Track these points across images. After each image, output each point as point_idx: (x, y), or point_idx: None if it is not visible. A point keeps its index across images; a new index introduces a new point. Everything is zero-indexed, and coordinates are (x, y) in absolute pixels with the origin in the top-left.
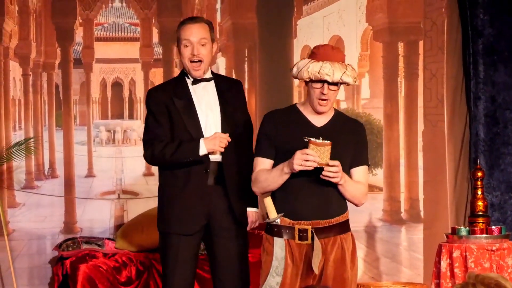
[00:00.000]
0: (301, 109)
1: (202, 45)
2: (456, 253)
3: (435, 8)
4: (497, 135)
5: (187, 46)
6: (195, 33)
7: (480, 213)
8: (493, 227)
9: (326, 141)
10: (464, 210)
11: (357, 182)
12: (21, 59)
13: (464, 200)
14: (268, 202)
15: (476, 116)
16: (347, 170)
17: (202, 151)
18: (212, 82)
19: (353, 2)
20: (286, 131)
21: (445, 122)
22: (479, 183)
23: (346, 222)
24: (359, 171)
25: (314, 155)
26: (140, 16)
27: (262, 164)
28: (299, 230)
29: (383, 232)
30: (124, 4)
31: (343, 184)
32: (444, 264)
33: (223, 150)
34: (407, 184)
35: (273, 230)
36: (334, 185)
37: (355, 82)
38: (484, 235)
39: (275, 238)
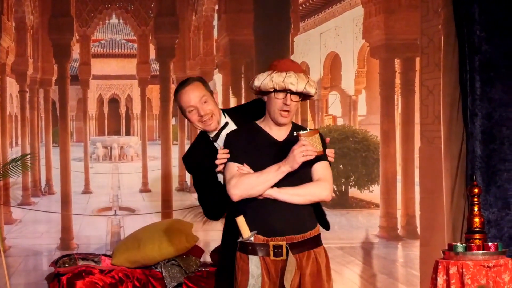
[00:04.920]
0: (262, 125)
1: (204, 102)
2: (452, 270)
3: (432, 25)
4: (493, 151)
5: (191, 111)
6: (192, 97)
7: (477, 229)
8: (490, 243)
9: (313, 129)
10: (461, 226)
11: (302, 185)
12: (18, 75)
13: (461, 216)
14: (241, 221)
15: (472, 132)
16: (309, 171)
17: None
18: (230, 125)
19: (350, 19)
20: (250, 147)
21: (442, 138)
22: (475, 199)
23: (318, 236)
24: (316, 167)
25: (309, 144)
26: (137, 33)
27: (235, 169)
28: (274, 247)
29: (380, 248)
30: (121, 21)
31: (279, 191)
32: (440, 280)
33: (221, 168)
34: (404, 201)
35: (247, 248)
36: None
37: (315, 94)
38: (480, 252)
39: (250, 256)
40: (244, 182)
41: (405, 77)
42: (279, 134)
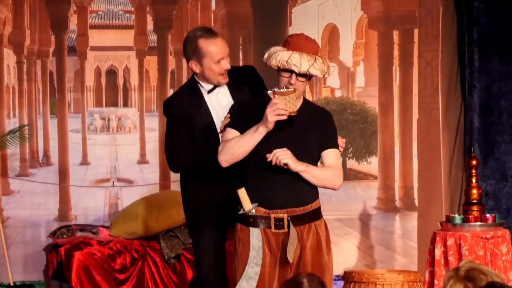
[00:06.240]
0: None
1: (227, 57)
2: (450, 241)
3: None
4: (491, 124)
5: (217, 62)
6: (225, 49)
7: (475, 201)
8: (487, 215)
9: (289, 89)
10: (459, 198)
11: (322, 168)
12: (15, 46)
13: (459, 188)
14: (242, 193)
15: (471, 105)
16: (316, 154)
17: None
18: (225, 85)
19: None
20: (257, 115)
21: (440, 110)
22: (473, 171)
23: (319, 209)
24: (328, 154)
25: (282, 103)
26: (134, 4)
27: (232, 135)
28: (275, 219)
29: (378, 220)
30: None
31: (305, 169)
32: (438, 252)
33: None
34: (402, 173)
35: (248, 220)
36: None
37: (323, 75)
38: (478, 223)
39: (251, 229)
40: (227, 147)
41: (403, 49)
42: None
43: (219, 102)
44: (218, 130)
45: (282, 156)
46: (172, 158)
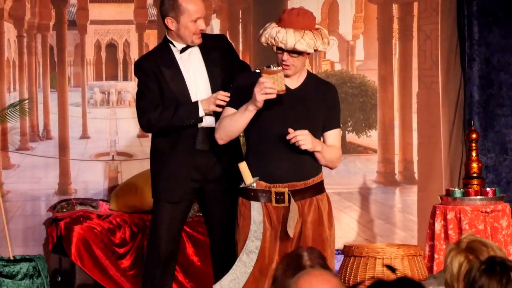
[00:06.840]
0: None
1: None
2: (450, 215)
3: None
4: (491, 96)
5: (194, 21)
6: (203, 9)
7: (475, 175)
8: (488, 189)
9: (277, 68)
10: (459, 172)
11: (332, 147)
12: (15, 20)
13: (459, 161)
14: (243, 167)
15: (470, 77)
16: (320, 133)
17: (201, 112)
18: (197, 47)
19: None
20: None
21: (440, 83)
22: (473, 144)
23: (321, 183)
24: (332, 135)
25: (269, 82)
26: None
27: (229, 113)
28: (276, 193)
29: (377, 194)
30: None
31: (320, 150)
32: (438, 226)
33: (219, 109)
34: (402, 146)
35: (249, 194)
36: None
37: (316, 49)
38: (478, 197)
39: (252, 202)
40: (221, 126)
41: (402, 22)
42: (291, 82)
43: (190, 62)
44: (192, 96)
45: (302, 142)
46: (142, 115)
